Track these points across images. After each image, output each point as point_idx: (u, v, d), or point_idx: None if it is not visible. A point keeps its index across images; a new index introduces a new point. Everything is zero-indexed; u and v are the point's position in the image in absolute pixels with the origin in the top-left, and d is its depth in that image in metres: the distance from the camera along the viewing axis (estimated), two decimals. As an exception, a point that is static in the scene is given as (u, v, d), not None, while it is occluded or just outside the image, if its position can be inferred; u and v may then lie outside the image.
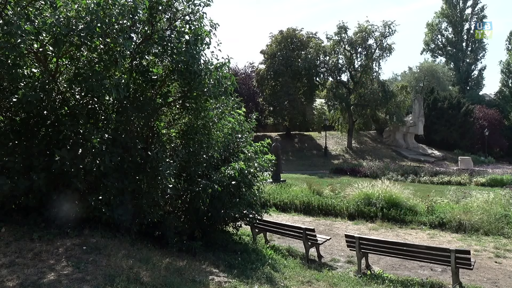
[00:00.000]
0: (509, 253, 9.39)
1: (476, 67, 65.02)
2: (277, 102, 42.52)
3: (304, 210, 14.25)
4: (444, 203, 13.85)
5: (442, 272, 8.09)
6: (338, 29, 42.67)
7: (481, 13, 63.86)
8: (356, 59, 43.84)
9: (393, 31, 42.04)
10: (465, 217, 11.49)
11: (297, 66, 41.83)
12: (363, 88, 42.88)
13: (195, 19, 6.80)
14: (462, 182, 24.25)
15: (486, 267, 8.49)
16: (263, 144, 8.84)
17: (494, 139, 48.39)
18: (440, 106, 47.73)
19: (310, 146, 44.36)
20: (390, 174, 26.48)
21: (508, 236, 10.66)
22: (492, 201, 12.92)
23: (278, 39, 43.57)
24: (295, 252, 9.40)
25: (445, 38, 66.21)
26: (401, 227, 11.98)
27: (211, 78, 6.87)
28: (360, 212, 13.15)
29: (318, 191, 16.07)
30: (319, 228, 11.88)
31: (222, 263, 7.03)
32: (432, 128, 46.52)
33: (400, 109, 43.17)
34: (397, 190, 13.47)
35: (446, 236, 10.94)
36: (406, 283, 7.21)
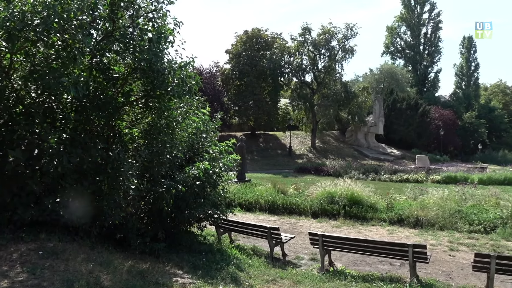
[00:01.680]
0: (462, 246, 9.86)
1: (432, 69, 67.90)
2: (242, 101, 42.58)
3: (269, 209, 14.34)
4: (402, 200, 14.36)
5: (401, 267, 8.38)
6: (302, 31, 43.29)
7: (437, 18, 66.78)
8: (319, 60, 44.64)
9: (355, 34, 43.16)
10: (422, 213, 11.97)
11: (262, 66, 42.03)
12: (326, 88, 43.72)
13: (158, 17, 6.68)
14: (419, 180, 25.23)
15: (441, 260, 8.88)
16: (228, 143, 8.81)
17: (449, 138, 50.71)
18: (399, 107, 49.49)
19: (275, 145, 44.71)
20: (352, 173, 27.15)
21: (461, 230, 11.20)
22: (447, 197, 13.55)
23: (243, 39, 43.64)
24: (260, 251, 9.45)
25: (404, 41, 68.64)
26: (363, 224, 12.31)
27: (175, 77, 6.77)
28: (324, 210, 13.40)
29: (282, 190, 16.22)
30: (284, 226, 12.00)
31: (187, 264, 6.96)
32: (392, 128, 48.14)
33: (362, 109, 44.37)
34: (359, 188, 13.82)
35: (404, 232, 11.34)
36: (367, 278, 7.41)
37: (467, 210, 12.37)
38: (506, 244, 9.93)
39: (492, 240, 10.26)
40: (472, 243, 10.07)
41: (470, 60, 69.50)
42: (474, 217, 11.69)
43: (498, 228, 10.87)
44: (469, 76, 69.13)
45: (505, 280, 7.45)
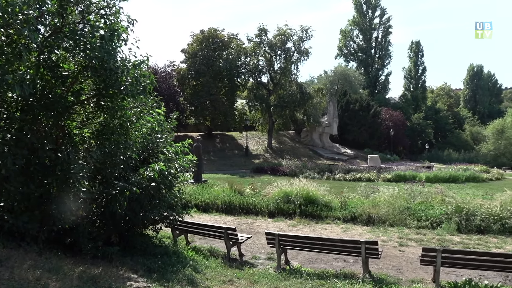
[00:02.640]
0: (411, 241, 10.34)
1: (383, 72, 70.82)
2: (198, 102, 42.18)
3: (225, 210, 14.30)
4: (355, 199, 14.83)
5: (354, 263, 8.65)
6: (259, 32, 43.61)
7: (387, 23, 69.69)
8: (275, 61, 45.16)
9: (310, 36, 44.07)
10: (373, 211, 12.42)
11: (218, 66, 41.89)
12: (282, 89, 44.30)
13: (111, 14, 6.46)
14: (371, 179, 26.21)
15: (392, 255, 9.25)
16: (184, 144, 8.69)
17: (398, 138, 53.06)
18: (352, 108, 51.13)
19: (231, 146, 44.70)
20: (307, 172, 27.70)
21: (410, 226, 11.74)
22: (397, 195, 14.17)
23: (200, 39, 43.27)
24: (216, 252, 9.40)
25: (357, 44, 71.03)
26: (318, 222, 12.57)
27: (129, 76, 6.59)
28: (280, 210, 13.56)
29: (239, 190, 16.24)
30: (241, 227, 12.01)
31: (141, 268, 6.79)
32: (345, 128, 49.65)
33: (317, 110, 45.40)
34: (314, 187, 14.12)
35: (357, 229, 11.71)
36: (322, 275, 7.58)
37: (415, 207, 12.98)
38: (451, 239, 10.52)
39: (438, 235, 10.84)
40: (420, 238, 10.58)
41: (418, 64, 73.14)
42: (422, 213, 12.28)
43: (444, 224, 11.49)
44: (417, 79, 72.70)
45: (450, 273, 7.89)
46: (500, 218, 11.15)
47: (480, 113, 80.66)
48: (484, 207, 11.76)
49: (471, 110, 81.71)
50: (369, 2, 69.35)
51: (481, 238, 10.53)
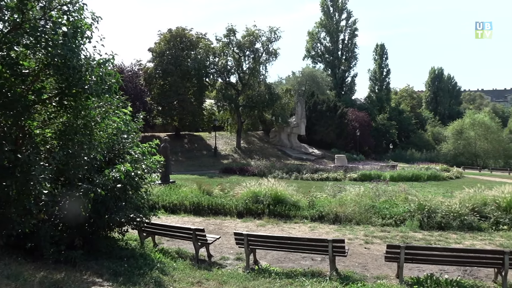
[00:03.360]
0: (376, 239, 10.61)
1: (349, 74, 72.41)
2: (166, 101, 41.61)
3: (194, 211, 14.18)
4: (323, 198, 15.07)
5: (322, 261, 8.78)
6: (227, 32, 43.55)
7: (353, 25, 71.34)
8: (244, 61, 45.25)
9: (278, 37, 44.45)
10: (340, 210, 12.66)
11: (186, 66, 41.47)
12: (251, 90, 44.43)
13: (74, 10, 6.27)
14: (338, 178, 26.72)
15: (358, 253, 9.47)
16: (151, 144, 8.54)
17: (364, 138, 54.39)
18: (320, 109, 51.94)
19: (200, 146, 44.37)
20: (276, 172, 27.91)
21: (375, 224, 12.05)
22: (362, 194, 14.51)
23: (167, 38, 42.69)
24: (185, 254, 9.30)
25: (324, 46, 72.26)
26: (286, 222, 12.69)
27: (93, 75, 6.41)
28: (249, 210, 13.58)
29: (208, 191, 16.15)
30: (209, 227, 11.95)
31: (107, 272, 6.63)
32: (313, 128, 50.36)
33: (285, 111, 45.81)
34: (282, 187, 14.23)
35: (324, 228, 11.90)
36: (290, 274, 7.66)
37: (380, 205, 13.34)
38: (413, 235, 10.88)
39: (402, 232, 11.17)
40: (384, 236, 10.87)
41: (382, 66, 75.30)
42: (386, 211, 12.64)
43: (407, 221, 11.86)
44: (381, 81, 74.81)
45: (413, 268, 8.16)
46: (459, 215, 11.63)
47: (441, 114, 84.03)
48: (444, 205, 12.22)
49: (433, 111, 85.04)
50: (336, 5, 70.70)
51: (441, 234, 10.94)
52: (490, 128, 56.68)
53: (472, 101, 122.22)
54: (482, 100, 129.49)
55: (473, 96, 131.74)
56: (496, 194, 12.73)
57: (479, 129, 56.70)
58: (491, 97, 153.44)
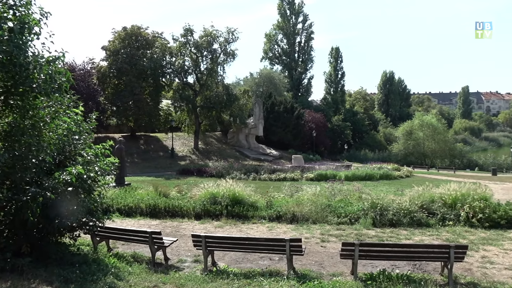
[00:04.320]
0: (332, 237, 10.88)
1: (306, 76, 73.81)
2: (120, 101, 40.38)
3: (150, 213, 13.88)
4: (280, 198, 15.25)
5: (279, 260, 8.88)
6: (185, 31, 43.01)
7: (309, 28, 72.82)
8: (202, 62, 44.88)
9: (236, 38, 44.48)
10: (297, 209, 12.86)
11: (142, 65, 40.48)
12: (208, 90, 44.15)
13: (21, 5, 5.98)
14: (295, 178, 27.14)
15: (314, 251, 9.66)
16: (105, 146, 8.25)
17: (320, 139, 55.64)
18: (277, 110, 52.56)
19: (156, 147, 43.49)
20: (234, 173, 27.90)
21: (331, 223, 12.34)
22: (319, 193, 14.83)
23: (122, 36, 41.49)
24: (141, 258, 9.08)
25: (281, 48, 73.23)
26: (244, 222, 12.71)
27: (42, 73, 6.13)
28: (207, 211, 13.48)
29: (164, 193, 15.87)
30: (166, 230, 11.75)
31: (57, 279, 6.34)
32: (270, 129, 50.85)
33: (243, 111, 45.91)
34: (240, 188, 14.25)
35: (282, 228, 12.04)
36: (248, 275, 7.68)
37: (335, 204, 13.69)
38: (367, 233, 11.25)
39: (356, 230, 11.53)
40: (340, 234, 11.16)
41: (337, 69, 77.48)
42: (342, 210, 12.98)
43: (361, 219, 12.24)
44: (336, 83, 76.92)
45: (366, 265, 8.44)
46: (409, 212, 12.17)
47: (392, 115, 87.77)
48: (395, 203, 12.74)
49: (384, 113, 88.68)
50: (292, 7, 71.85)
51: (393, 231, 11.39)
52: (437, 129, 59.86)
53: (421, 103, 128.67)
54: (429, 103, 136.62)
55: (421, 98, 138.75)
56: (442, 191, 13.44)
57: (427, 130, 59.69)
58: (438, 100, 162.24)
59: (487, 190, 14.68)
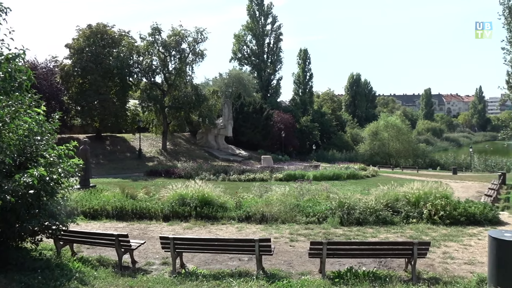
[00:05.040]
0: (300, 236, 11.00)
1: (275, 77, 74.28)
2: (85, 101, 39.19)
3: (117, 216, 13.56)
4: (250, 198, 15.27)
5: (249, 261, 8.89)
6: (152, 30, 42.35)
7: (278, 30, 73.33)
8: (170, 61, 44.32)
9: (205, 38, 44.20)
10: (267, 209, 12.93)
11: (108, 64, 39.47)
12: (177, 90, 43.66)
13: (-23, -1, 5.70)
14: (265, 178, 27.26)
15: (283, 251, 9.74)
16: (69, 146, 7.99)
17: (289, 140, 56.17)
18: (246, 111, 52.66)
19: (123, 148, 42.56)
20: (203, 174, 27.70)
21: (299, 222, 12.48)
22: (288, 193, 14.96)
23: (87, 34, 40.26)
24: (107, 261, 8.86)
25: (250, 49, 73.37)
26: (213, 223, 12.65)
27: (1, 71, 5.87)
28: (175, 213, 13.31)
29: (132, 194, 15.55)
30: (133, 232, 11.52)
31: (17, 286, 6.09)
32: (240, 130, 50.89)
33: (212, 112, 45.67)
34: (209, 189, 14.16)
35: (251, 228, 12.07)
36: (217, 276, 7.65)
37: (304, 204, 13.85)
38: (335, 231, 11.45)
39: (324, 229, 11.70)
40: (308, 233, 11.31)
41: (305, 70, 78.41)
42: (310, 209, 13.15)
43: (329, 218, 12.44)
44: (305, 84, 77.85)
45: (334, 263, 8.59)
46: (375, 211, 12.49)
47: (358, 116, 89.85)
48: (362, 202, 13.03)
49: (351, 114, 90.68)
50: (261, 9, 72.15)
51: (360, 229, 11.65)
52: (401, 130, 61.76)
53: (386, 105, 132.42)
54: (394, 104, 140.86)
55: (386, 100, 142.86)
56: (406, 190, 13.87)
57: (391, 131, 61.46)
58: (402, 102, 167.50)
59: (448, 189, 15.32)
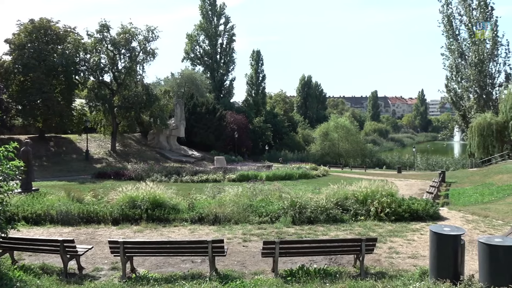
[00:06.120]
0: (254, 236, 11.07)
1: (228, 77, 74.19)
2: (27, 100, 36.90)
3: (62, 221, 12.90)
4: (203, 199, 15.16)
5: (202, 263, 8.81)
6: (100, 27, 40.86)
7: (231, 31, 73.32)
8: (119, 60, 43.01)
9: (156, 37, 43.32)
10: (220, 210, 12.87)
11: (52, 62, 37.49)
12: (127, 90, 42.42)
13: None
14: (218, 179, 27.17)
15: (237, 251, 9.75)
16: (8, 148, 7.51)
17: (242, 140, 56.39)
18: (199, 111, 52.22)
19: (69, 150, 40.63)
20: (154, 176, 27.12)
21: (252, 222, 12.55)
22: (241, 194, 15.00)
23: (29, 29, 37.97)
24: (51, 269, 8.42)
25: (203, 49, 72.80)
26: (165, 226, 12.40)
27: None
28: (125, 216, 12.91)
29: (78, 198, 14.91)
30: (80, 237, 11.04)
31: (-50, 298, 5.64)
32: (192, 131, 50.35)
33: (164, 112, 44.82)
34: (161, 190, 13.88)
35: (204, 229, 11.97)
36: (169, 279, 7.52)
37: (257, 204, 13.96)
38: (287, 231, 11.63)
39: (276, 228, 11.85)
40: (261, 233, 11.39)
41: (258, 71, 79.11)
42: (263, 209, 13.26)
43: (281, 217, 12.61)
44: (257, 85, 78.50)
45: (286, 262, 8.72)
46: (325, 209, 12.84)
47: (310, 117, 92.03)
48: (313, 201, 13.34)
49: (303, 115, 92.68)
50: (214, 9, 71.79)
51: (311, 228, 11.91)
52: (350, 131, 64.10)
53: (336, 106, 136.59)
54: (343, 106, 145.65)
55: (336, 102, 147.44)
56: (355, 189, 14.38)
57: (341, 132, 63.57)
58: (351, 103, 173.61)
59: (393, 187, 16.06)
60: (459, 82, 52.83)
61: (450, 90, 54.24)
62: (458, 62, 52.13)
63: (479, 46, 49.02)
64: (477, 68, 49.28)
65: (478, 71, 49.27)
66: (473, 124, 42.05)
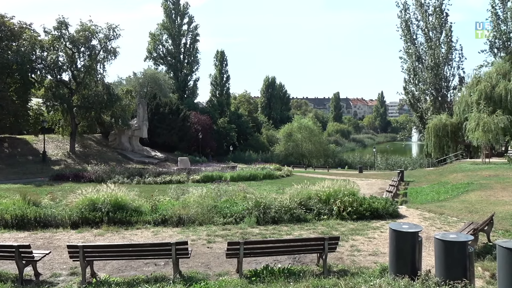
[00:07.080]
0: (218, 238, 11.04)
1: (191, 78, 73.54)
2: (-21, 99, 35.05)
3: (17, 225, 12.33)
4: (166, 201, 14.93)
5: (165, 265, 8.70)
6: (58, 24, 39.37)
7: (195, 31, 72.75)
8: (79, 58, 41.65)
9: (117, 35, 42.32)
10: (183, 212, 12.74)
11: (6, 59, 35.68)
12: (87, 89, 41.13)
13: None
14: (182, 180, 26.85)
15: (201, 253, 9.70)
16: (-43, 150, 7.13)
17: (206, 141, 56.06)
18: (162, 111, 51.43)
19: (24, 151, 38.86)
20: (116, 177, 26.45)
21: (217, 223, 12.52)
22: (205, 195, 14.90)
23: (-20, 24, 36.08)
24: (5, 276, 8.04)
25: (166, 49, 71.76)
26: (127, 228, 12.14)
27: None
28: (85, 219, 12.51)
29: (34, 201, 14.28)
30: (37, 242, 10.60)
31: None
32: (155, 131, 49.53)
33: (126, 112, 43.82)
34: (123, 192, 13.54)
35: (168, 231, 11.82)
36: (132, 283, 7.38)
37: (221, 205, 13.92)
38: (251, 231, 11.69)
39: (241, 229, 11.88)
40: (226, 234, 11.38)
41: (222, 72, 78.94)
42: (227, 210, 13.26)
43: (246, 218, 12.66)
44: (222, 86, 78.32)
45: (251, 262, 8.76)
46: (289, 209, 13.01)
47: (274, 118, 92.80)
48: (277, 201, 13.47)
49: (267, 115, 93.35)
50: (177, 8, 70.94)
51: (275, 228, 12.03)
52: (313, 131, 65.16)
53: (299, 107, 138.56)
54: (307, 107, 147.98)
55: (299, 103, 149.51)
56: (318, 188, 14.66)
57: (304, 132, 64.51)
58: (314, 104, 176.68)
59: (355, 186, 16.51)
60: (417, 85, 55.24)
61: (408, 93, 56.57)
62: (416, 65, 54.51)
63: (435, 51, 51.59)
64: (433, 71, 51.74)
65: (434, 74, 51.74)
66: (429, 125, 43.85)
